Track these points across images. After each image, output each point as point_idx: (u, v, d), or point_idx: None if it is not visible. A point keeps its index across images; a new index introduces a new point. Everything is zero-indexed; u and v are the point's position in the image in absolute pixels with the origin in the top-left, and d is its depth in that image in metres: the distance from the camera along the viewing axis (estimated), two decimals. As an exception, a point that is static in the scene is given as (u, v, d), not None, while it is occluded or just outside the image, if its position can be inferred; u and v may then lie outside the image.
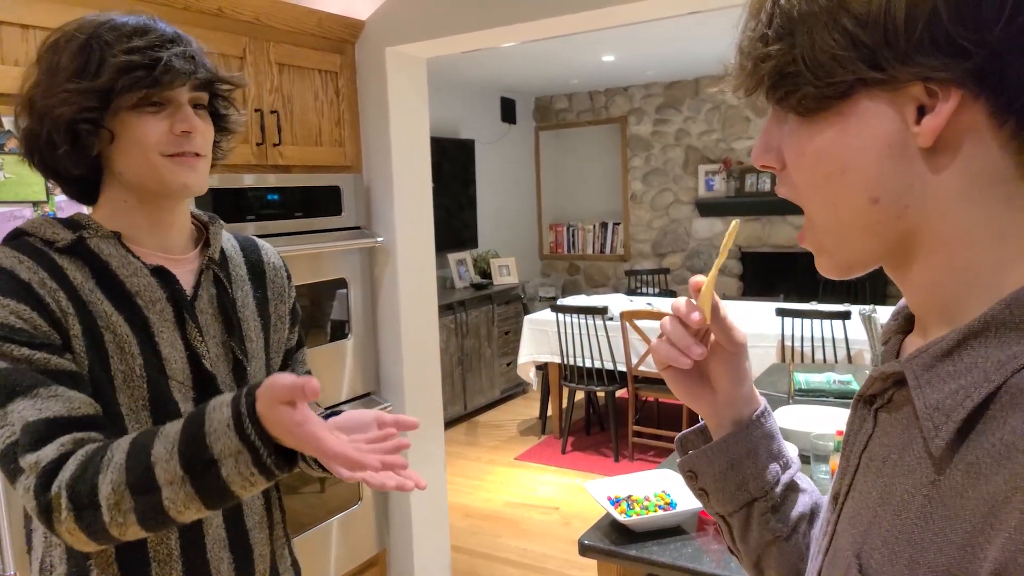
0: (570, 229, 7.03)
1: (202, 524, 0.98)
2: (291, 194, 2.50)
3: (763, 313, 4.34)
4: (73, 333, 0.90)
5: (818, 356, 3.84)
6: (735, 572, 1.38)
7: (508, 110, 6.69)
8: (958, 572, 0.41)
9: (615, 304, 4.73)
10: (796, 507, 0.69)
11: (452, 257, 5.71)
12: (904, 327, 0.55)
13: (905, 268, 0.49)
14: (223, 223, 1.13)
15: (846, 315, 3.70)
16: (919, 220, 0.46)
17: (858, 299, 5.16)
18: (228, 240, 1.14)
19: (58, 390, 0.86)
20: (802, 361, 3.86)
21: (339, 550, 2.70)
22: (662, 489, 1.67)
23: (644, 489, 1.68)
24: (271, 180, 2.43)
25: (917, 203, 0.45)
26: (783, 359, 3.94)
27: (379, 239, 2.77)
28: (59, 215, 1.87)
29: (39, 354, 0.86)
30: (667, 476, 1.72)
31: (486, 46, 2.69)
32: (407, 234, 2.83)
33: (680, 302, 0.66)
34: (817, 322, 3.83)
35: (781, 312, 3.91)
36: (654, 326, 4.16)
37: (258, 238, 1.21)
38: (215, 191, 2.25)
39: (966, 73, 0.42)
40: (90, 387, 0.90)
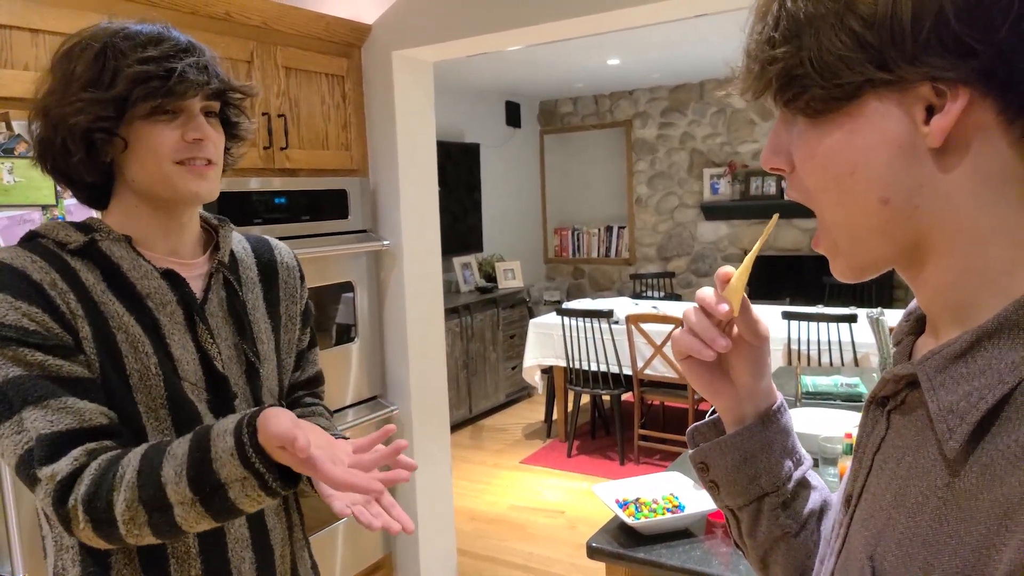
0: (575, 233, 7.03)
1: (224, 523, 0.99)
2: (298, 197, 2.51)
3: (769, 316, 4.33)
4: (83, 335, 0.90)
5: (825, 359, 3.83)
6: (744, 575, 1.37)
7: (513, 114, 6.70)
8: (972, 574, 0.40)
9: (620, 308, 4.73)
10: (807, 504, 0.69)
11: (457, 261, 5.71)
12: (916, 328, 0.55)
13: (917, 269, 0.49)
14: (233, 225, 1.14)
15: (852, 318, 3.69)
16: (930, 221, 0.46)
17: (864, 302, 5.14)
18: (239, 242, 1.14)
19: (68, 401, 0.87)
20: (808, 364, 3.85)
21: (345, 553, 2.70)
22: (670, 492, 1.67)
23: (652, 492, 1.67)
24: (278, 184, 2.44)
25: (928, 204, 0.45)
26: (789, 362, 3.93)
27: (385, 243, 2.77)
28: (68, 219, 1.87)
29: (51, 360, 0.87)
30: (675, 479, 1.72)
31: (492, 49, 2.70)
32: (413, 238, 2.83)
33: (707, 292, 0.64)
34: (823, 325, 3.82)
35: (787, 315, 3.90)
36: (659, 329, 4.15)
37: (272, 238, 1.21)
38: (222, 194, 2.23)
39: (974, 73, 0.41)
40: (102, 392, 0.91)
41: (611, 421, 4.99)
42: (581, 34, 2.53)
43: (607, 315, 4.27)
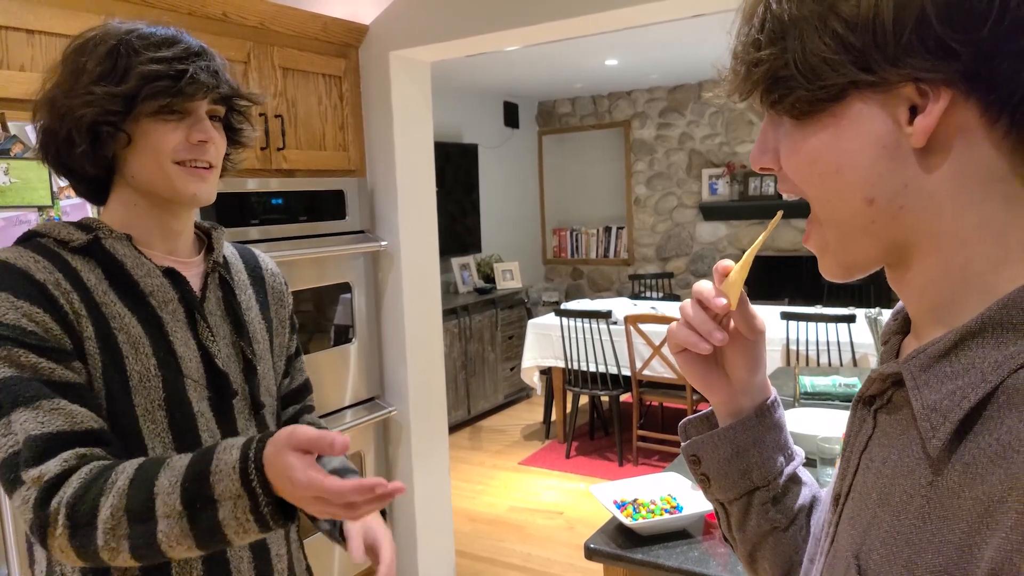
0: (573, 233, 7.03)
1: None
2: (295, 198, 2.50)
3: (768, 317, 4.33)
4: (86, 335, 0.91)
5: (823, 359, 3.83)
6: (742, 576, 1.37)
7: (511, 114, 6.70)
8: (955, 572, 0.41)
9: (619, 308, 4.73)
10: (798, 499, 0.69)
11: (456, 262, 5.71)
12: (903, 328, 0.55)
13: (903, 269, 0.49)
14: (224, 229, 1.16)
15: (851, 318, 3.69)
16: (915, 220, 0.46)
17: (863, 302, 5.14)
18: (228, 248, 1.17)
19: (60, 403, 0.86)
20: (807, 365, 3.85)
21: (342, 554, 2.69)
22: (668, 493, 1.66)
23: (650, 493, 1.67)
24: (275, 184, 2.44)
25: (912, 203, 0.46)
26: (788, 363, 3.93)
27: (383, 243, 2.77)
28: (65, 219, 1.87)
29: (45, 362, 0.87)
30: (673, 480, 1.72)
31: (489, 50, 2.70)
32: (411, 238, 2.83)
33: (704, 286, 0.64)
34: (822, 325, 3.82)
35: (786, 316, 3.90)
36: (658, 330, 4.15)
37: (254, 248, 1.24)
38: (219, 195, 2.24)
39: (955, 73, 0.42)
40: (93, 398, 0.90)
41: (610, 422, 4.99)
42: (579, 34, 2.53)
43: (606, 316, 4.27)
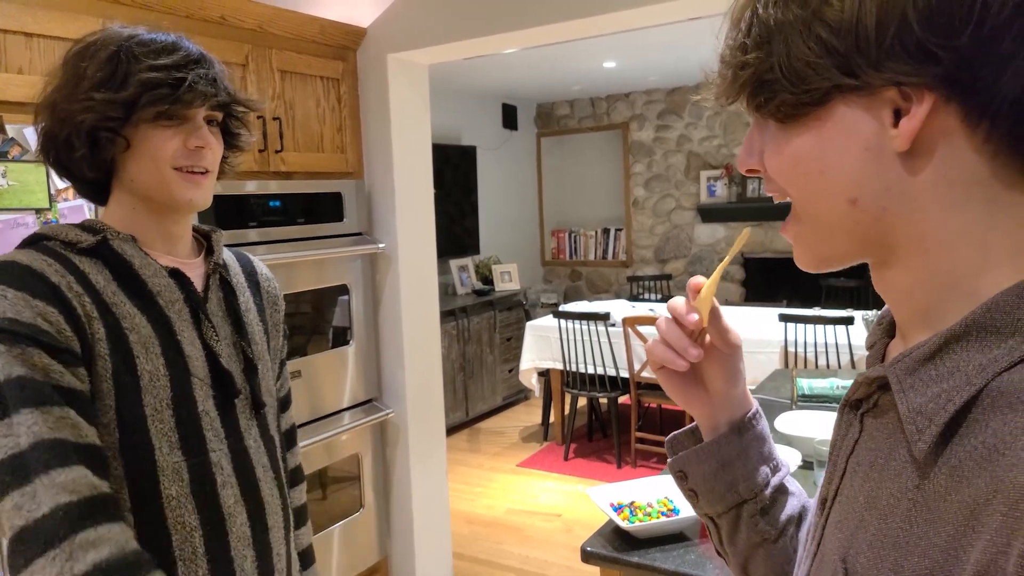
0: (572, 235, 7.03)
1: (226, 522, 1.00)
2: (293, 200, 2.50)
3: (766, 319, 4.34)
4: (97, 337, 0.91)
5: (821, 362, 3.83)
6: (738, 579, 1.37)
7: (510, 116, 6.70)
8: (941, 575, 0.41)
9: (617, 310, 4.73)
10: (785, 510, 0.69)
11: (454, 263, 5.71)
12: (889, 331, 0.55)
13: (885, 269, 0.49)
14: (223, 232, 1.17)
15: (849, 320, 3.70)
16: (897, 222, 0.46)
17: (861, 304, 5.15)
18: (224, 251, 1.18)
19: (67, 412, 0.87)
20: (805, 367, 3.85)
21: (341, 557, 2.69)
22: (665, 495, 1.66)
23: (647, 495, 1.67)
24: (273, 187, 2.44)
25: (895, 206, 0.46)
26: (786, 365, 3.93)
27: (381, 245, 2.77)
28: (63, 222, 1.87)
29: (56, 365, 0.87)
30: (670, 482, 1.72)
31: (487, 52, 2.70)
32: (409, 240, 2.83)
33: (678, 303, 0.66)
34: (820, 327, 3.82)
35: (784, 318, 3.90)
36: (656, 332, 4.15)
37: (247, 253, 1.26)
38: (217, 198, 2.25)
39: (937, 78, 0.42)
40: (94, 407, 0.91)
41: (608, 424, 4.99)
42: (577, 37, 2.54)
43: (604, 318, 4.27)
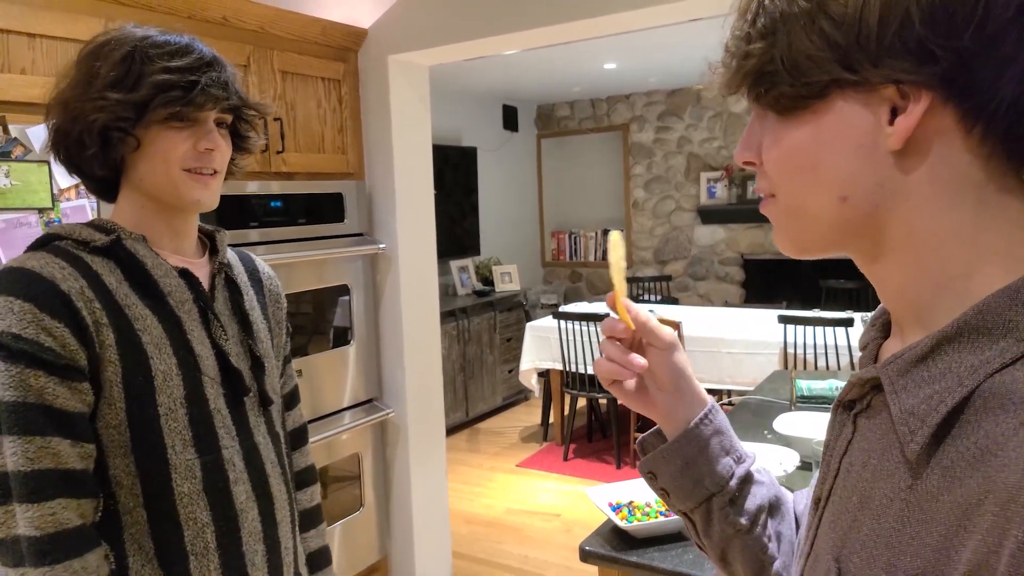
0: (572, 236, 7.04)
1: (239, 518, 1.01)
2: (294, 201, 2.51)
3: (765, 320, 4.34)
4: (107, 344, 0.92)
5: (820, 363, 3.84)
6: (736, 578, 1.38)
7: (510, 118, 6.71)
8: (934, 575, 0.41)
9: (617, 311, 4.73)
10: (754, 499, 0.70)
11: (454, 264, 5.71)
12: (883, 332, 0.55)
13: (873, 263, 0.50)
14: (226, 232, 1.18)
15: (848, 322, 3.70)
16: (889, 219, 0.47)
17: (860, 306, 5.15)
18: (228, 251, 1.19)
19: (51, 442, 0.88)
20: (804, 368, 3.86)
21: (340, 556, 2.70)
22: (663, 495, 1.67)
23: (645, 495, 1.68)
24: (274, 187, 2.45)
25: (887, 203, 0.46)
26: (785, 366, 3.93)
27: (381, 246, 2.78)
28: (65, 222, 1.88)
29: (53, 385, 0.88)
30: (668, 482, 1.72)
31: (488, 54, 2.71)
32: (409, 241, 2.84)
33: (607, 321, 0.70)
34: (819, 329, 3.83)
35: (783, 319, 3.90)
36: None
37: (249, 252, 1.27)
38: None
39: (935, 78, 0.42)
40: (88, 429, 0.92)
41: (607, 424, 4.99)
42: (578, 38, 2.54)
43: (604, 318, 4.27)
